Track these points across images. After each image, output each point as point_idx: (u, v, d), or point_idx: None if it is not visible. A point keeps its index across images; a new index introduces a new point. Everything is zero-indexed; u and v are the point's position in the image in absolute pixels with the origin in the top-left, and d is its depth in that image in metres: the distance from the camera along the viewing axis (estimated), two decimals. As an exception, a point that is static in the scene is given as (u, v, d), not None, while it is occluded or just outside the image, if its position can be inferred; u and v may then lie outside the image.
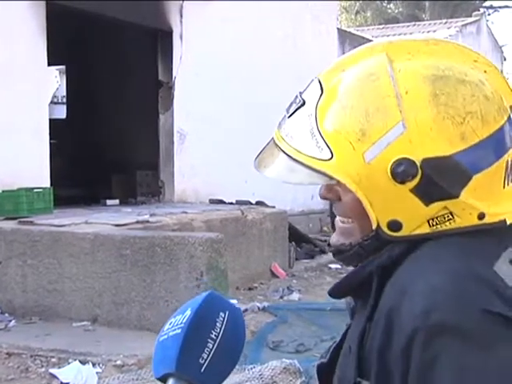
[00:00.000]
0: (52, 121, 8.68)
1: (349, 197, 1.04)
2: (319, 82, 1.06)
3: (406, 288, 0.95)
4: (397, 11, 29.65)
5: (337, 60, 1.10)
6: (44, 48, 8.03)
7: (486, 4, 30.25)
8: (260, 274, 8.40)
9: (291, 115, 1.07)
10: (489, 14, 27.81)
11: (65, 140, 10.67)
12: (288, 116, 1.08)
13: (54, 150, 8.54)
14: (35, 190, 7.36)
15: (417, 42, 1.07)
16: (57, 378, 4.87)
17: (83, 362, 5.03)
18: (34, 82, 7.97)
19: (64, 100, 11.29)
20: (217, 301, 1.03)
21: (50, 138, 8.30)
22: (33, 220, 6.79)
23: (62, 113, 11.13)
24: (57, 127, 9.06)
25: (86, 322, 6.11)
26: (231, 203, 9.55)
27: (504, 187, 1.02)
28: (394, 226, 1.01)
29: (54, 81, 10.82)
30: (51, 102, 9.95)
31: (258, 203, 9.65)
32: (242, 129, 10.46)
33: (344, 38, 13.54)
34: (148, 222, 7.09)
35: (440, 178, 0.98)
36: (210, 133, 10.23)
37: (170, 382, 0.99)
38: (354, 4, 29.47)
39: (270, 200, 9.76)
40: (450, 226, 1.00)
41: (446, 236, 1.01)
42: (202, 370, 0.98)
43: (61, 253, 6.31)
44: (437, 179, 0.98)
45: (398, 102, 0.99)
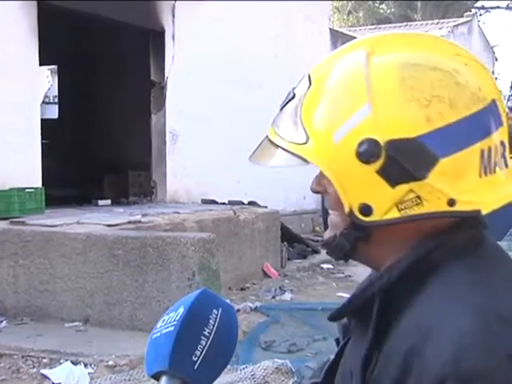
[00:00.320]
0: (44, 121, 8.66)
1: (332, 188, 1.05)
2: (308, 76, 1.09)
3: (430, 330, 0.94)
4: (389, 11, 29.72)
5: (327, 55, 1.13)
6: (36, 48, 8.01)
7: (477, 4, 30.36)
8: (252, 274, 8.40)
9: (282, 108, 1.11)
10: (480, 15, 27.90)
11: (57, 140, 10.65)
12: (280, 110, 1.11)
13: (46, 150, 8.52)
14: (27, 190, 7.34)
15: (399, 36, 1.09)
16: (48, 378, 4.86)
17: (75, 363, 5.02)
18: (25, 82, 7.94)
19: (56, 100, 11.29)
20: (210, 298, 1.04)
21: (42, 138, 8.27)
22: (24, 220, 6.77)
23: (53, 113, 11.13)
24: (49, 127, 9.04)
25: (77, 323, 6.10)
26: (223, 203, 9.54)
27: (480, 176, 1.01)
28: (365, 210, 1.01)
29: (45, 81, 10.81)
30: (43, 102, 9.95)
31: (251, 203, 9.65)
32: (235, 129, 10.46)
33: (336, 38, 13.57)
34: (140, 222, 7.08)
35: (404, 159, 0.98)
36: (203, 133, 10.22)
37: (163, 379, 0.99)
38: (347, 4, 29.52)
39: (262, 200, 9.76)
40: (418, 210, 1.00)
41: (452, 259, 1.01)
42: (196, 367, 0.98)
43: (52, 253, 6.30)
44: (401, 161, 0.98)
45: (367, 84, 1.01)
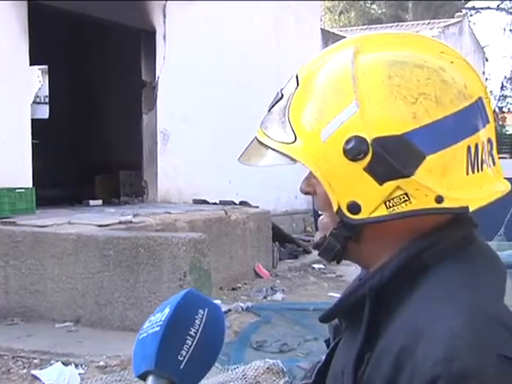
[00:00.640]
0: (34, 121, 8.63)
1: (321, 188, 1.06)
2: (296, 76, 1.10)
3: (422, 330, 0.95)
4: (380, 12, 29.76)
5: (315, 55, 1.14)
6: (26, 48, 7.99)
7: (468, 5, 30.45)
8: (243, 275, 8.40)
9: (270, 109, 1.11)
10: (471, 15, 28.01)
11: (47, 140, 10.62)
12: (268, 110, 1.12)
13: (37, 150, 8.49)
14: (17, 191, 7.32)
15: (387, 35, 1.10)
16: (39, 379, 4.85)
17: (66, 363, 5.01)
18: (16, 82, 7.93)
19: (46, 100, 11.21)
20: (196, 298, 1.04)
21: (33, 138, 8.25)
22: (15, 220, 6.75)
23: (44, 113, 11.05)
24: (39, 127, 9.00)
25: (68, 323, 6.09)
26: (215, 203, 9.55)
27: (468, 174, 1.02)
28: (354, 207, 1.02)
29: (36, 80, 10.75)
30: (33, 102, 9.89)
31: (242, 203, 9.65)
32: (226, 129, 10.45)
33: (327, 38, 13.58)
34: (131, 222, 7.07)
35: (391, 156, 0.99)
36: (194, 133, 10.22)
37: (150, 379, 1.00)
38: (338, 4, 29.55)
39: (253, 200, 9.77)
40: (406, 207, 1.00)
41: (444, 259, 1.02)
42: (182, 367, 0.99)
43: (43, 253, 6.28)
44: (388, 157, 0.99)
45: (354, 83, 1.02)
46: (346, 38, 1.18)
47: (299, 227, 12.28)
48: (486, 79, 24.70)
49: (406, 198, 1.00)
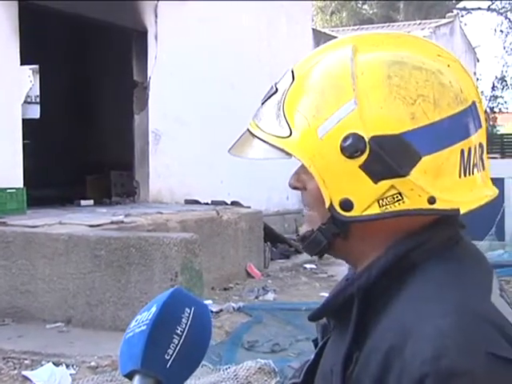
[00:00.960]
0: (25, 120, 8.60)
1: (312, 184, 1.06)
2: (292, 71, 1.10)
3: (410, 329, 0.95)
4: (371, 12, 29.80)
5: (311, 51, 1.15)
6: (17, 47, 7.96)
7: (459, 6, 30.53)
8: (235, 275, 8.40)
9: (264, 102, 1.11)
10: (462, 16, 28.07)
11: (38, 140, 10.59)
12: (262, 103, 1.12)
13: (28, 150, 8.47)
14: (8, 191, 7.30)
15: (384, 36, 1.10)
16: (30, 380, 4.83)
17: (57, 364, 5.00)
18: (6, 82, 7.89)
19: (37, 100, 11.20)
20: (183, 297, 1.04)
21: (24, 138, 8.22)
22: (5, 221, 6.72)
23: (35, 113, 11.04)
24: (30, 127, 8.98)
25: (59, 324, 6.07)
26: (206, 203, 9.54)
27: (460, 177, 1.03)
28: (346, 205, 1.02)
29: (27, 80, 10.72)
30: (24, 102, 9.87)
31: (234, 203, 9.65)
32: (218, 129, 10.44)
33: (319, 38, 13.59)
34: (123, 222, 7.06)
35: (388, 155, 1.00)
36: (186, 133, 10.21)
37: (136, 378, 1.00)
38: (330, 4, 29.57)
39: (245, 200, 9.76)
40: (399, 207, 1.01)
41: (431, 258, 1.03)
42: (168, 366, 0.99)
43: (34, 254, 6.26)
44: (385, 156, 1.00)
45: (353, 81, 1.03)
46: (337, 38, 1.18)
47: (291, 227, 12.28)
48: (478, 79, 24.77)
49: (400, 197, 1.01)
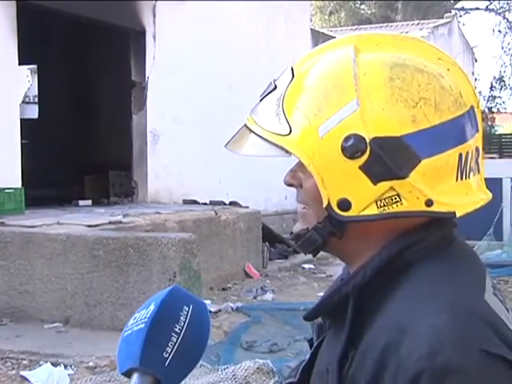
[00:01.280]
0: (23, 120, 8.59)
1: (309, 182, 1.07)
2: (291, 68, 1.10)
3: (406, 327, 0.96)
4: (369, 12, 29.80)
5: (311, 50, 1.15)
6: (15, 47, 7.96)
7: (457, 6, 30.54)
8: (234, 275, 8.40)
9: (263, 99, 1.11)
10: (460, 16, 28.07)
11: (37, 140, 10.58)
12: (260, 100, 1.12)
13: (26, 150, 8.46)
14: (6, 191, 7.30)
15: (385, 36, 1.11)
16: (28, 380, 4.83)
17: (55, 364, 4.99)
18: (4, 82, 7.89)
19: (36, 100, 11.20)
20: (181, 295, 1.04)
21: (22, 138, 8.22)
22: (4, 221, 6.72)
23: (33, 112, 11.04)
24: (28, 127, 8.98)
25: (57, 324, 6.07)
26: (205, 203, 9.54)
27: (457, 180, 1.04)
28: (344, 205, 1.03)
29: (25, 80, 10.72)
30: (23, 102, 9.87)
31: (232, 203, 9.65)
32: (216, 129, 10.42)
33: (317, 38, 13.60)
34: (121, 222, 7.06)
35: (388, 157, 1.00)
36: (184, 133, 10.21)
37: (135, 376, 0.99)
38: (328, 4, 29.57)
39: (243, 200, 9.76)
40: (397, 208, 1.02)
41: (425, 258, 1.03)
42: (167, 364, 0.99)
43: (32, 254, 6.26)
44: (385, 158, 1.00)
45: (355, 82, 1.03)
46: (335, 38, 1.18)
47: (289, 227, 12.27)
48: (476, 80, 24.78)
49: (398, 199, 1.01)
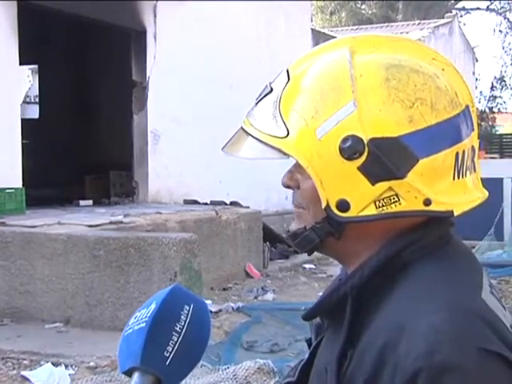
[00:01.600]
0: (24, 120, 8.59)
1: (307, 183, 1.07)
2: (287, 71, 1.11)
3: (404, 326, 0.97)
4: (370, 12, 29.80)
5: (306, 52, 1.14)
6: (16, 47, 7.96)
7: (458, 6, 30.54)
8: (234, 275, 8.40)
9: (259, 102, 1.12)
10: (461, 16, 28.08)
11: (38, 140, 10.59)
12: (256, 103, 1.12)
13: (27, 150, 8.46)
14: (7, 191, 7.29)
15: (380, 38, 1.12)
16: (29, 380, 4.82)
17: (55, 364, 4.99)
18: (5, 82, 7.89)
19: (36, 100, 11.21)
20: (182, 294, 1.04)
21: (23, 138, 8.22)
22: (4, 221, 6.72)
23: (34, 112, 11.05)
24: (29, 127, 8.98)
25: (58, 324, 6.07)
26: (205, 203, 9.54)
27: (454, 179, 1.05)
28: (343, 205, 1.03)
29: (26, 80, 10.72)
30: (23, 102, 9.87)
31: (233, 203, 9.65)
32: (217, 129, 10.41)
33: (318, 38, 13.59)
34: (122, 222, 7.06)
35: (386, 157, 1.01)
36: (185, 133, 10.21)
37: (136, 375, 0.99)
38: (329, 4, 29.57)
39: (244, 200, 9.76)
40: (395, 208, 1.02)
41: (422, 257, 1.04)
42: (167, 363, 0.99)
43: (33, 254, 6.26)
44: (383, 158, 1.01)
45: (352, 83, 1.04)
46: (336, 37, 1.19)
47: (290, 227, 12.28)
48: (476, 80, 24.77)
49: (396, 198, 1.02)
